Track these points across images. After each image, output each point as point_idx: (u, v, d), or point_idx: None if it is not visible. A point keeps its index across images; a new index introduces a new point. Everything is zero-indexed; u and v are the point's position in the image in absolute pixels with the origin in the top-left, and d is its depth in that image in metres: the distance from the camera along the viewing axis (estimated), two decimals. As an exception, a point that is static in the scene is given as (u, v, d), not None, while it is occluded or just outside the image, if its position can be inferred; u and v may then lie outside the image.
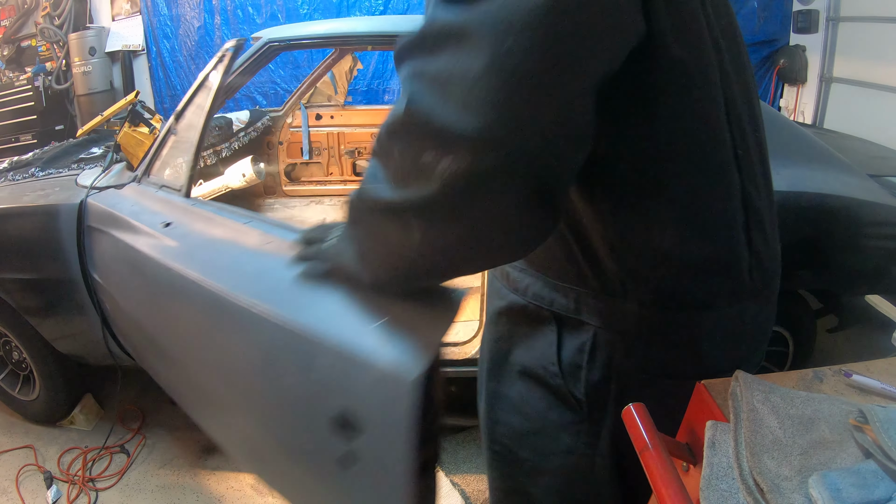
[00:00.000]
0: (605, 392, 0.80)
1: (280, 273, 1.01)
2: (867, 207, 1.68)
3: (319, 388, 0.94)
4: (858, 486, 0.53)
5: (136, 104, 1.82)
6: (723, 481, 0.58)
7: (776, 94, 4.23)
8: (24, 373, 2.08)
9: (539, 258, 0.84)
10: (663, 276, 0.74)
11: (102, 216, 1.64)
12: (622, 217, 0.72)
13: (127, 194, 1.67)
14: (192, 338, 1.31)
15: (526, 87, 0.51)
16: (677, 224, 0.72)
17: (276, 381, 1.05)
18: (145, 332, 1.51)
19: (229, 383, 1.22)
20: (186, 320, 1.30)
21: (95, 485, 1.89)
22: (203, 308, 1.20)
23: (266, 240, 1.20)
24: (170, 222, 1.42)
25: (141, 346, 1.66)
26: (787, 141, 1.70)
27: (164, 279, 1.32)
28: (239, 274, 1.17)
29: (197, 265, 1.25)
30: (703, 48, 0.66)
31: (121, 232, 1.53)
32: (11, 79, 4.82)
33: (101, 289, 1.69)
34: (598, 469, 0.86)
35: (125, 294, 1.57)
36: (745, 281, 0.77)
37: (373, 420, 0.86)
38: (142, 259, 1.39)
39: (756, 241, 0.77)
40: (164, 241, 1.38)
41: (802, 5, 3.97)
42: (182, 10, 4.78)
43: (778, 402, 0.62)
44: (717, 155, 0.71)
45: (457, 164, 0.52)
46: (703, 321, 0.76)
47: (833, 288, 1.81)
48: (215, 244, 1.34)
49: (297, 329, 0.94)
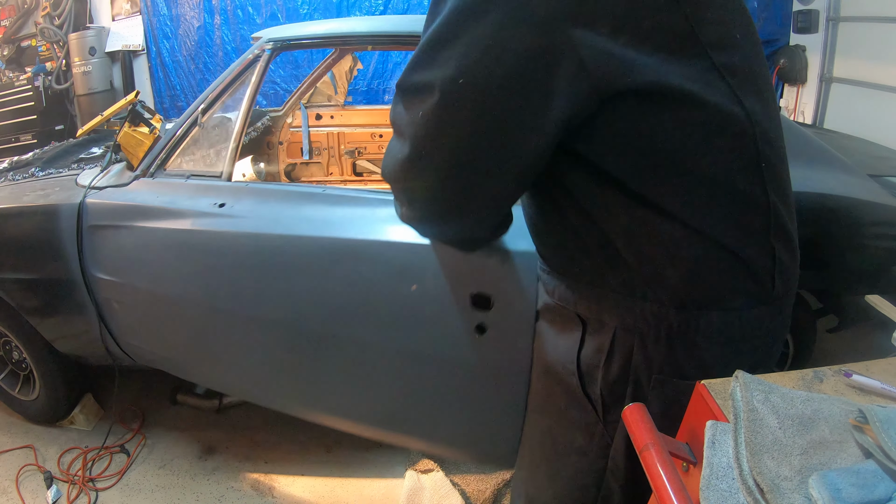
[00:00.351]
0: (621, 393, 0.81)
1: (379, 212, 1.40)
2: (867, 207, 1.67)
3: (456, 277, 1.28)
4: (858, 486, 0.53)
5: (136, 104, 1.81)
6: (723, 481, 0.58)
7: (776, 94, 4.24)
8: (24, 373, 2.08)
9: (561, 259, 0.85)
10: (682, 275, 0.74)
11: (121, 211, 1.65)
12: (639, 212, 0.73)
13: (143, 188, 1.68)
14: (291, 293, 1.45)
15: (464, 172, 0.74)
16: (694, 222, 0.73)
17: (414, 293, 1.34)
18: (197, 313, 1.60)
19: (359, 316, 1.41)
20: (280, 279, 1.45)
21: (95, 485, 1.89)
22: (308, 260, 1.42)
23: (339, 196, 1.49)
24: (223, 203, 1.54)
25: (177, 335, 1.71)
26: (788, 141, 1.69)
27: (242, 249, 1.45)
28: (344, 221, 1.42)
29: (283, 227, 1.44)
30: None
31: (156, 221, 1.58)
32: (11, 79, 4.81)
33: (112, 286, 1.69)
34: (609, 473, 0.86)
35: (164, 281, 1.61)
36: (766, 286, 0.78)
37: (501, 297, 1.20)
38: (204, 238, 1.52)
39: (779, 249, 0.78)
40: (228, 218, 1.52)
41: (802, 5, 3.97)
42: (182, 10, 4.78)
43: (778, 402, 0.62)
44: (739, 162, 0.73)
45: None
46: (720, 323, 0.77)
47: (833, 288, 1.80)
48: (292, 208, 1.50)
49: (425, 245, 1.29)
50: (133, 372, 2.16)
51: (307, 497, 1.83)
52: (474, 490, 1.80)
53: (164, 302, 1.65)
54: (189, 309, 1.61)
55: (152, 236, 1.59)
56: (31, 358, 1.98)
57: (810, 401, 0.63)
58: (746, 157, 0.73)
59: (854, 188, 1.68)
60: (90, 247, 1.69)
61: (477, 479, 1.83)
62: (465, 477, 1.84)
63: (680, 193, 0.72)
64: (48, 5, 4.72)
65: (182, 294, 1.60)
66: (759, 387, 0.64)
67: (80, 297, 1.74)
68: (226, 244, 1.50)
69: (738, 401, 0.63)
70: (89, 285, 1.71)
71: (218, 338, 1.62)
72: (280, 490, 1.86)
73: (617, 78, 0.65)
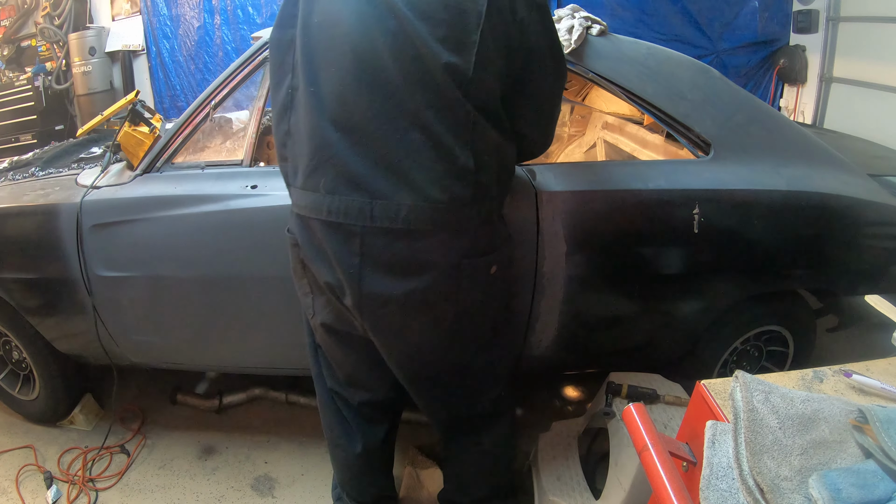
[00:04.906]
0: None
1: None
2: (867, 207, 1.67)
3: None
4: (858, 486, 0.53)
5: (136, 104, 1.81)
6: (723, 481, 0.58)
7: (776, 94, 4.23)
8: (24, 373, 2.08)
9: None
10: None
11: (135, 205, 1.67)
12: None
13: (152, 183, 1.70)
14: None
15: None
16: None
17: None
18: (236, 291, 1.67)
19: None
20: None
21: (95, 485, 1.89)
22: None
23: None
24: (255, 185, 1.63)
25: (205, 319, 1.76)
26: (787, 141, 1.70)
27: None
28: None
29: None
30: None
31: (183, 209, 1.63)
32: (11, 79, 4.82)
33: (123, 283, 1.70)
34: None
35: (198, 264, 1.67)
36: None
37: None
38: (246, 216, 1.60)
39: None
40: (265, 196, 1.60)
41: (802, 5, 3.97)
42: (182, 10, 4.78)
43: (778, 402, 0.62)
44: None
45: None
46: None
47: (833, 288, 1.81)
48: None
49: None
50: (133, 372, 2.16)
51: (307, 497, 1.83)
52: (474, 490, 1.79)
53: (188, 286, 1.69)
54: (222, 287, 1.68)
55: (182, 223, 1.64)
56: (31, 358, 1.98)
57: (810, 401, 0.63)
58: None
59: (854, 188, 1.68)
60: (93, 246, 1.69)
61: (477, 479, 1.83)
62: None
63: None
64: (48, 5, 4.72)
65: (215, 273, 1.66)
66: (760, 387, 0.64)
67: (80, 297, 1.74)
68: (269, 218, 1.57)
69: (738, 401, 0.63)
70: (89, 285, 1.72)
71: (249, 308, 1.70)
72: (280, 490, 1.86)
73: None
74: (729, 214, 1.58)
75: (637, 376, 1.59)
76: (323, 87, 1.12)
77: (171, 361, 1.92)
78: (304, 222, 1.20)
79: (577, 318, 1.66)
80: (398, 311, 1.19)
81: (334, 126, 1.11)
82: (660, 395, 1.50)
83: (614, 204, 1.56)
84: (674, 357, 1.82)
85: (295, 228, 1.25)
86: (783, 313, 1.82)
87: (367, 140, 1.10)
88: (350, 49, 1.10)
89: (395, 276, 1.15)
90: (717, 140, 1.62)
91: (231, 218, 1.62)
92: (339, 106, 1.11)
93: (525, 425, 1.98)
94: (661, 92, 1.63)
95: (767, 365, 1.91)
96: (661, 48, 1.73)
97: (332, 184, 1.13)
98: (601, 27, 1.67)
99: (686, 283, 1.67)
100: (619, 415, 1.46)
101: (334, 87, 1.11)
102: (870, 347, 2.17)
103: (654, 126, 2.08)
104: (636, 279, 1.64)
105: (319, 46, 1.13)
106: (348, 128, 1.11)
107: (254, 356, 1.86)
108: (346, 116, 1.11)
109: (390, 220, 1.10)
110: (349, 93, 1.10)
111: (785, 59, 4.07)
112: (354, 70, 1.09)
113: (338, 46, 1.11)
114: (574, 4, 1.74)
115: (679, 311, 1.72)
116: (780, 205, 1.60)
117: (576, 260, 1.56)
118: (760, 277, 1.70)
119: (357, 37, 1.09)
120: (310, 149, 1.15)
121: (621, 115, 2.44)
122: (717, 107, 1.66)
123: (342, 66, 1.10)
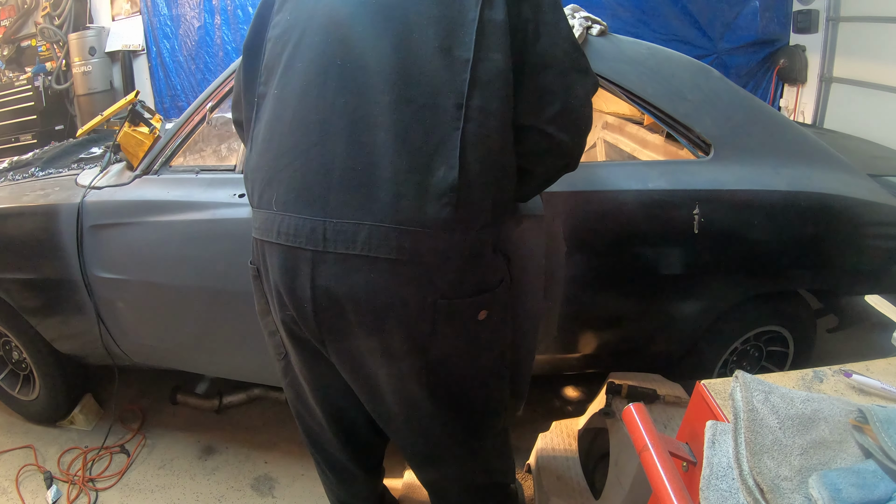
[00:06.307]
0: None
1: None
2: (867, 207, 1.67)
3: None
4: (858, 486, 0.53)
5: (136, 104, 1.81)
6: (723, 481, 0.58)
7: (776, 94, 4.24)
8: (24, 373, 2.08)
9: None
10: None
11: (129, 208, 1.66)
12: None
13: (149, 186, 1.70)
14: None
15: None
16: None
17: None
18: (218, 302, 1.63)
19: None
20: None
21: (95, 485, 1.89)
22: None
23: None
24: (242, 193, 1.58)
25: (190, 326, 1.74)
26: (788, 141, 1.70)
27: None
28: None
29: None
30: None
31: (171, 215, 1.62)
32: (11, 79, 4.82)
33: (118, 284, 1.70)
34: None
35: (181, 273, 1.64)
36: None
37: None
38: (227, 227, 1.56)
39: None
40: (247, 206, 1.57)
41: (802, 5, 3.97)
42: (182, 10, 4.78)
43: (778, 402, 0.62)
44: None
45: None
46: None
47: (833, 288, 1.81)
48: None
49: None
50: (133, 372, 2.16)
51: (307, 497, 1.83)
52: (474, 490, 1.79)
53: (178, 294, 1.66)
54: (209, 298, 1.64)
55: (169, 230, 1.62)
56: (31, 358, 1.98)
57: (810, 401, 0.63)
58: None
59: (854, 188, 1.68)
60: (92, 246, 1.69)
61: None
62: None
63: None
64: (48, 5, 4.72)
65: (201, 284, 1.63)
66: (760, 387, 0.64)
67: (79, 297, 1.74)
68: (248, 231, 1.54)
69: (738, 401, 0.63)
70: (89, 285, 1.72)
71: (237, 322, 1.65)
72: (280, 490, 1.86)
73: None
74: (729, 215, 1.59)
75: (637, 376, 1.60)
76: (286, 88, 0.96)
77: (170, 364, 1.92)
78: (260, 247, 1.01)
79: (577, 319, 1.66)
80: (362, 357, 0.99)
81: (292, 127, 0.94)
82: (660, 395, 1.50)
83: (614, 204, 1.56)
84: (674, 357, 1.82)
85: (255, 256, 1.05)
86: (783, 313, 1.82)
87: (326, 141, 0.90)
88: (322, 32, 0.94)
89: (355, 315, 0.93)
90: (717, 140, 1.62)
91: (214, 228, 1.59)
92: (299, 102, 0.93)
93: (525, 425, 1.98)
94: (661, 92, 1.63)
95: (767, 365, 1.91)
96: (662, 48, 1.73)
97: (284, 198, 0.93)
98: (601, 27, 1.67)
99: (686, 284, 1.67)
100: (619, 415, 1.46)
101: (299, 82, 0.94)
102: (870, 347, 2.17)
103: (654, 126, 2.08)
104: (636, 280, 1.64)
105: (291, 40, 0.97)
106: (305, 127, 0.92)
107: (246, 368, 1.84)
108: (304, 114, 0.92)
109: (346, 245, 0.89)
110: (312, 86, 0.92)
111: (785, 59, 4.08)
112: (324, 56, 0.92)
113: (311, 33, 0.95)
114: (574, 4, 1.74)
115: (679, 312, 1.72)
116: (781, 205, 1.60)
117: (576, 260, 1.56)
118: (760, 278, 1.70)
119: (331, 17, 0.94)
120: (266, 159, 0.97)
121: (621, 115, 2.44)
122: (717, 107, 1.66)
123: (311, 54, 0.94)
